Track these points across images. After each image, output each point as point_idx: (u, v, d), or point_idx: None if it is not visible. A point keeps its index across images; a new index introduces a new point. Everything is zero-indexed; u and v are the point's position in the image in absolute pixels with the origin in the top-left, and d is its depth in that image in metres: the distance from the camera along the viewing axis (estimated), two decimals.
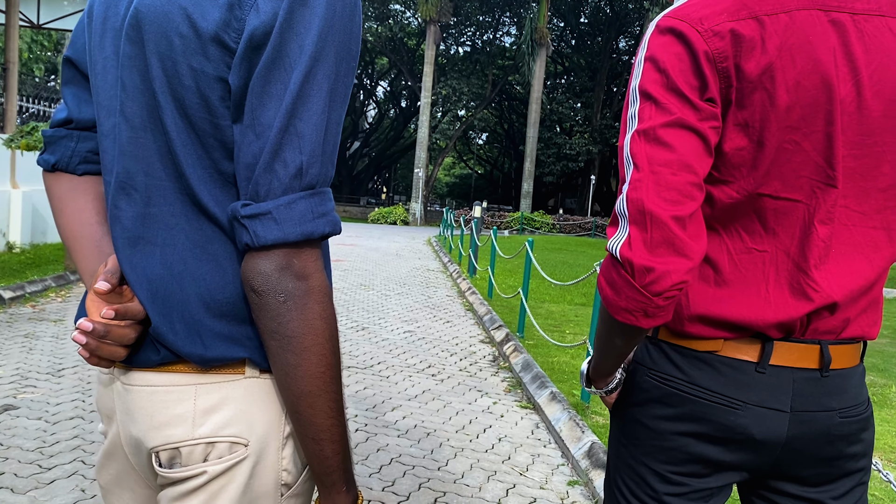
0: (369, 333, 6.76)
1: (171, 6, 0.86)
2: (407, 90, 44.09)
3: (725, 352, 1.14)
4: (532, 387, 4.93)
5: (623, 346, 1.16)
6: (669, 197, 1.00)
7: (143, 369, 0.94)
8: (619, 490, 1.26)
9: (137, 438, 0.95)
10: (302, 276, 0.86)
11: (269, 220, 0.84)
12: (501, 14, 36.89)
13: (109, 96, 0.96)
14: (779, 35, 1.03)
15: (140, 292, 0.92)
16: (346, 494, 0.96)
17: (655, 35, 1.07)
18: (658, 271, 0.99)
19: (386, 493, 3.23)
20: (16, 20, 10.10)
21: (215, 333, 0.91)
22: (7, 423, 3.73)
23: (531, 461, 3.77)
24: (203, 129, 0.89)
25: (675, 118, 1.02)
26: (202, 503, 0.93)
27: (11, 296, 6.79)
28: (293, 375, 0.88)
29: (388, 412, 4.40)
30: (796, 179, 1.08)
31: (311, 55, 0.84)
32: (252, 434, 0.93)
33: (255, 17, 0.84)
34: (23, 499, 2.91)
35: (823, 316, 1.12)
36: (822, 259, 1.11)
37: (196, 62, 0.86)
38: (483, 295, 9.14)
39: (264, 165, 0.84)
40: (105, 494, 1.09)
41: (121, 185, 0.94)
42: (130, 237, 0.93)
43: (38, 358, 4.99)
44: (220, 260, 0.92)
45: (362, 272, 11.54)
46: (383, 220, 29.16)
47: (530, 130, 31.04)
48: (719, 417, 1.13)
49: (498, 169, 51.72)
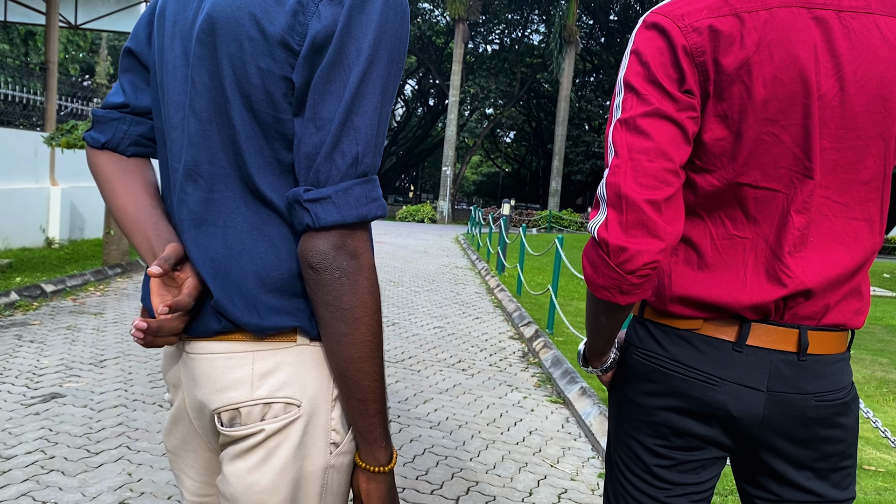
0: (399, 329, 6.85)
1: (242, 13, 0.96)
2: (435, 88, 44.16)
3: (705, 330, 1.20)
4: (562, 382, 4.98)
5: (608, 324, 1.24)
6: (645, 182, 1.08)
7: (205, 339, 1.04)
8: (616, 465, 1.33)
9: (201, 402, 1.05)
10: (354, 255, 0.96)
11: (328, 204, 0.94)
12: (530, 12, 36.81)
13: (178, 92, 1.05)
14: (758, 31, 1.09)
15: (203, 269, 1.02)
16: (385, 449, 1.06)
17: (641, 30, 1.15)
18: (631, 251, 1.07)
19: (420, 481, 3.31)
20: (55, 21, 10.34)
21: (269, 306, 1.01)
22: (55, 410, 3.87)
23: (562, 454, 3.82)
24: (266, 122, 0.98)
25: (653, 108, 1.09)
26: (261, 458, 1.02)
27: (53, 289, 7.00)
28: (344, 343, 0.98)
29: (420, 405, 4.48)
30: (776, 170, 1.13)
31: (367, 57, 0.94)
32: (304, 396, 1.03)
33: (317, 23, 0.93)
34: (73, 481, 3.04)
35: (799, 301, 1.17)
36: (798, 247, 1.16)
37: (263, 63, 0.96)
38: (512, 292, 9.19)
39: (325, 155, 0.94)
40: (172, 457, 1.20)
41: (188, 172, 1.03)
42: (196, 219, 1.03)
43: (80, 349, 5.16)
44: (275, 241, 1.01)
45: (391, 269, 11.65)
46: (411, 218, 29.30)
47: (559, 128, 30.93)
48: (697, 392, 1.19)
49: (525, 167, 51.64)
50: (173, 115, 1.06)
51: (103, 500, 2.88)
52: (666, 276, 1.22)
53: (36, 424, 3.64)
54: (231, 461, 1.04)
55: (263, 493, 1.02)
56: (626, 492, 1.30)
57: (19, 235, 9.25)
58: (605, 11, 35.69)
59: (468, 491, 3.25)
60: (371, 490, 1.06)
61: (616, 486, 1.33)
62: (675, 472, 1.25)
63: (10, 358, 4.79)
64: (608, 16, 36.04)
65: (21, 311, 6.25)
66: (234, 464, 1.03)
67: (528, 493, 3.28)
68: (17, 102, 9.77)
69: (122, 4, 12.16)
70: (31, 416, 3.75)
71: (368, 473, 1.06)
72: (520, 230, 10.03)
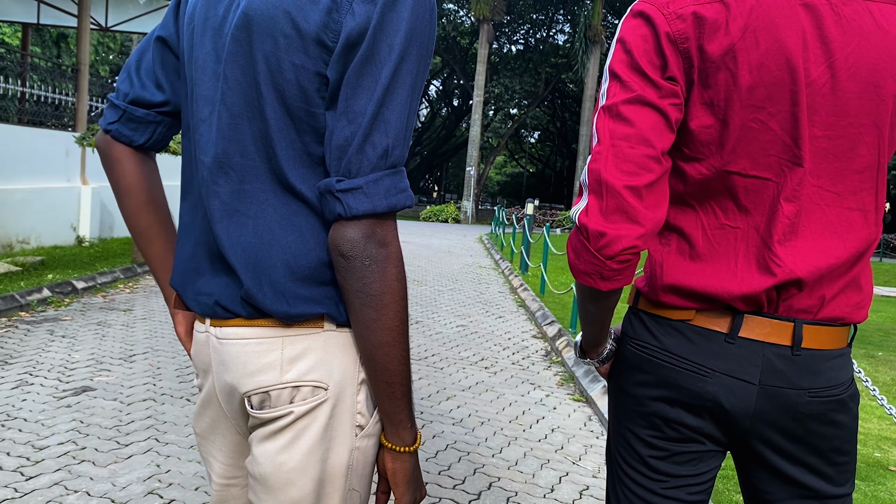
0: (423, 327, 6.89)
1: (277, 11, 0.99)
2: (459, 89, 44.18)
3: (697, 321, 1.19)
4: (585, 380, 4.98)
5: (596, 312, 1.25)
6: (626, 168, 1.08)
7: (235, 324, 1.07)
8: (614, 457, 1.33)
9: (232, 385, 1.09)
10: (384, 244, 0.99)
11: (360, 194, 0.97)
12: (555, 12, 36.69)
13: (208, 87, 1.08)
14: (743, 17, 1.08)
15: (235, 259, 1.05)
16: (410, 430, 1.09)
17: (628, 18, 1.15)
18: (610, 236, 1.08)
19: (442, 476, 3.34)
20: (87, 24, 10.53)
21: (297, 294, 1.04)
22: (86, 403, 3.96)
23: (584, 451, 3.83)
24: (299, 116, 1.02)
25: (635, 95, 1.10)
26: (290, 440, 1.06)
27: (84, 286, 7.13)
28: (373, 328, 1.01)
29: (443, 402, 4.51)
30: (765, 158, 1.13)
31: (398, 54, 0.98)
32: (331, 379, 1.06)
33: (351, 20, 0.97)
34: (104, 471, 3.11)
35: (792, 293, 1.15)
36: (787, 235, 1.14)
37: (298, 59, 0.99)
38: (535, 291, 9.19)
39: (356, 147, 0.97)
40: (201, 441, 1.24)
41: (219, 165, 1.07)
42: (228, 210, 1.07)
43: (110, 344, 5.26)
44: (303, 230, 1.05)
45: (415, 268, 11.69)
46: (435, 218, 29.35)
47: (583, 128, 30.81)
48: (687, 383, 1.19)
49: (550, 167, 51.48)
50: (202, 108, 1.09)
51: (132, 490, 2.94)
52: (658, 266, 1.22)
53: (67, 417, 3.73)
54: (260, 442, 1.08)
55: (292, 472, 1.06)
56: (624, 485, 1.30)
57: (51, 234, 9.44)
58: None
59: (490, 486, 3.27)
60: (397, 469, 1.10)
61: (615, 479, 1.33)
62: (670, 464, 1.24)
63: (43, 352, 4.90)
64: None
65: (53, 307, 6.38)
66: (264, 445, 1.07)
67: (549, 490, 3.30)
68: (48, 103, 9.96)
69: (152, 6, 12.34)
70: (62, 409, 3.84)
71: (394, 453, 1.09)
72: (543, 230, 10.02)
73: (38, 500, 2.80)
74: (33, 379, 4.30)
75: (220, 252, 1.08)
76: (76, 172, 10.05)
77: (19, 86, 9.50)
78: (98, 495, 2.88)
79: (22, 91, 9.56)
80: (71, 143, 9.48)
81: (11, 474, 3.01)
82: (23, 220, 8.80)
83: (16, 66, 9.86)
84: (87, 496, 2.87)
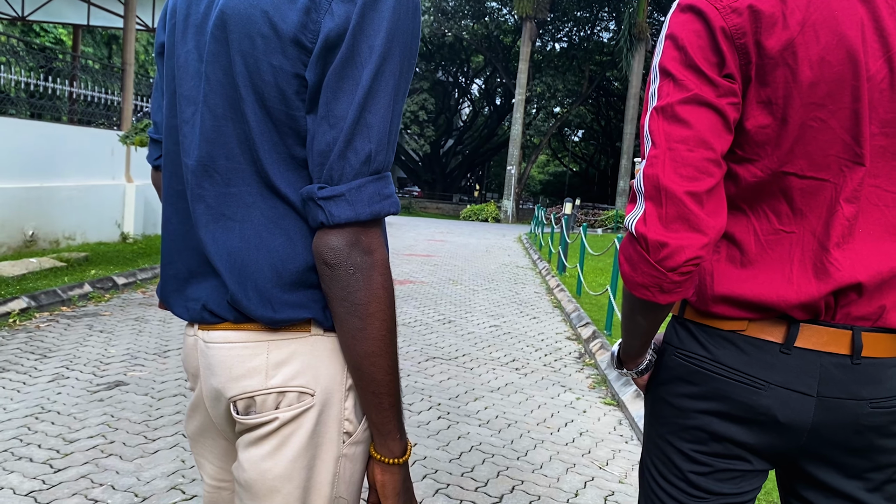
0: (455, 326, 6.86)
1: (254, 10, 0.96)
2: (502, 87, 44.05)
3: (750, 332, 1.13)
4: (617, 384, 4.89)
5: (646, 325, 1.18)
6: (685, 173, 1.01)
7: (222, 328, 1.06)
8: (649, 471, 1.27)
9: (217, 390, 1.07)
10: (368, 251, 0.96)
11: (342, 202, 0.94)
12: (600, 9, 36.30)
13: (190, 87, 1.06)
14: (801, 10, 1.02)
15: (220, 264, 1.03)
16: (399, 441, 1.06)
17: (676, 13, 1.08)
18: (672, 246, 1.01)
19: (465, 478, 3.31)
20: (132, 24, 10.76)
21: (283, 300, 1.02)
22: (118, 398, 4.03)
23: (612, 456, 3.76)
24: (279, 119, 0.99)
25: (692, 94, 1.03)
26: (275, 446, 1.03)
27: (124, 282, 7.29)
28: (359, 338, 0.98)
29: (471, 402, 4.48)
30: (824, 158, 1.06)
31: (379, 55, 0.94)
32: (318, 385, 1.04)
33: (330, 20, 0.93)
34: (130, 465, 3.16)
35: (851, 298, 1.09)
36: (846, 237, 1.08)
37: (276, 60, 0.96)
38: (571, 292, 9.09)
39: (338, 153, 0.94)
40: (193, 443, 1.23)
41: (204, 168, 1.04)
42: (214, 214, 1.04)
43: (146, 340, 5.35)
44: (291, 234, 1.02)
45: (452, 267, 11.68)
46: (475, 218, 29.31)
47: (627, 127, 30.44)
48: (741, 396, 1.13)
49: (594, 166, 50.97)
50: (185, 109, 1.07)
51: (156, 485, 2.98)
52: (707, 275, 1.15)
53: (99, 410, 3.80)
54: (246, 448, 1.06)
55: (277, 479, 1.04)
56: (659, 500, 1.24)
57: (96, 230, 9.67)
58: None
59: (513, 489, 3.23)
60: (386, 481, 1.07)
61: (649, 494, 1.27)
62: (712, 480, 1.18)
63: (81, 346, 5.01)
64: None
65: (94, 302, 6.53)
66: (249, 451, 1.05)
67: (573, 494, 3.24)
68: (97, 103, 10.20)
69: None
70: (95, 403, 3.92)
71: (383, 465, 1.06)
72: (580, 230, 9.91)
73: (65, 493, 2.86)
74: (69, 373, 4.40)
75: (206, 256, 1.06)
76: (121, 170, 10.28)
77: (68, 86, 9.74)
78: (122, 489, 2.92)
79: (70, 91, 9.80)
80: (116, 141, 9.69)
81: (41, 466, 3.07)
82: (69, 216, 9.03)
83: (67, 66, 10.12)
84: (112, 489, 2.91)
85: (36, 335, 5.25)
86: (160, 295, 1.17)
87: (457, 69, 44.30)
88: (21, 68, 8.93)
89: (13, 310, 5.65)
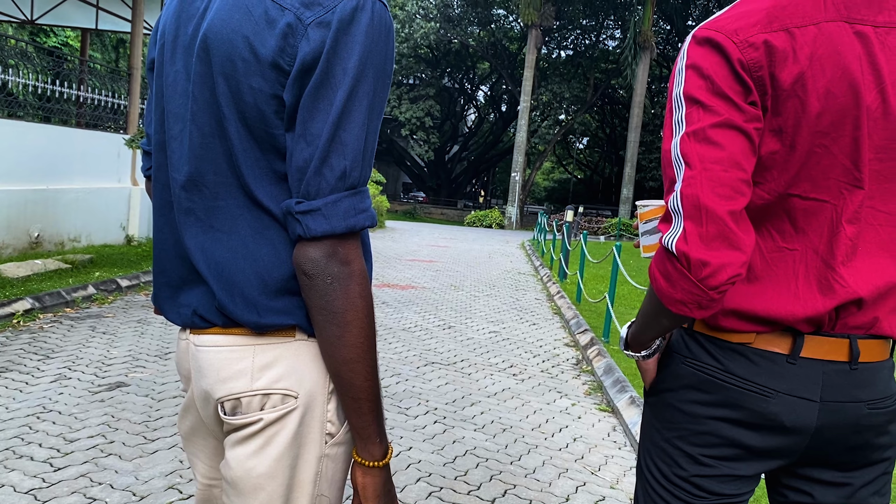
0: (455, 332, 6.91)
1: (235, 35, 1.02)
2: (507, 94, 44.12)
3: (758, 344, 1.21)
4: (612, 390, 4.94)
5: (669, 326, 1.25)
6: (723, 192, 1.07)
7: (210, 332, 1.12)
8: (650, 471, 1.33)
9: (206, 391, 1.13)
10: (345, 262, 1.02)
11: (318, 216, 1.00)
12: (605, 17, 36.38)
13: (179, 104, 1.12)
14: (809, 45, 1.09)
15: (208, 273, 1.09)
16: (379, 445, 1.11)
17: (693, 45, 1.14)
18: (714, 265, 1.05)
19: (458, 481, 3.35)
20: (140, 29, 10.86)
21: (269, 307, 1.08)
22: (118, 399, 4.09)
23: (604, 461, 3.80)
24: (260, 136, 1.05)
25: (723, 119, 1.09)
26: (260, 445, 1.09)
27: (128, 284, 7.36)
28: (337, 345, 1.04)
29: (468, 407, 4.53)
30: (825, 181, 1.14)
31: (353, 76, 1.00)
32: (301, 388, 1.09)
33: (306, 45, 0.99)
34: (129, 465, 3.21)
35: (851, 311, 1.18)
36: (850, 256, 1.17)
37: (255, 82, 1.02)
38: (571, 299, 9.13)
39: (314, 169, 1.00)
40: (185, 442, 1.29)
41: (193, 183, 1.10)
42: (203, 226, 1.10)
43: (148, 341, 5.42)
44: (276, 244, 1.08)
45: (454, 273, 11.73)
46: (479, 223, 29.36)
47: (631, 135, 30.47)
48: (752, 404, 1.20)
49: (598, 174, 51.01)
50: (173, 126, 1.13)
51: (154, 485, 3.04)
52: None
53: (100, 411, 3.86)
54: (232, 447, 1.12)
55: (261, 477, 1.09)
56: (661, 500, 1.31)
57: (102, 232, 9.75)
58: (682, 17, 34.95)
59: (505, 493, 3.28)
60: (367, 483, 1.12)
61: (650, 494, 1.33)
62: (715, 482, 1.25)
63: (83, 348, 5.08)
64: (686, 21, 35.27)
65: (97, 303, 6.60)
66: (235, 450, 1.11)
67: (565, 499, 3.28)
68: (104, 107, 10.30)
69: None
70: (96, 403, 3.98)
71: (364, 468, 1.11)
72: (580, 237, 9.95)
73: (64, 491, 2.91)
74: (71, 373, 4.47)
75: (195, 265, 1.12)
76: (127, 173, 10.37)
77: (76, 89, 9.84)
78: (121, 488, 2.98)
79: (77, 94, 9.90)
80: (122, 144, 9.78)
81: (41, 465, 3.13)
82: (75, 218, 9.12)
83: (76, 70, 10.22)
84: (111, 489, 2.97)
85: (39, 336, 5.31)
86: (155, 302, 1.23)
87: (462, 76, 44.41)
88: (29, 71, 9.02)
89: (17, 311, 5.72)
